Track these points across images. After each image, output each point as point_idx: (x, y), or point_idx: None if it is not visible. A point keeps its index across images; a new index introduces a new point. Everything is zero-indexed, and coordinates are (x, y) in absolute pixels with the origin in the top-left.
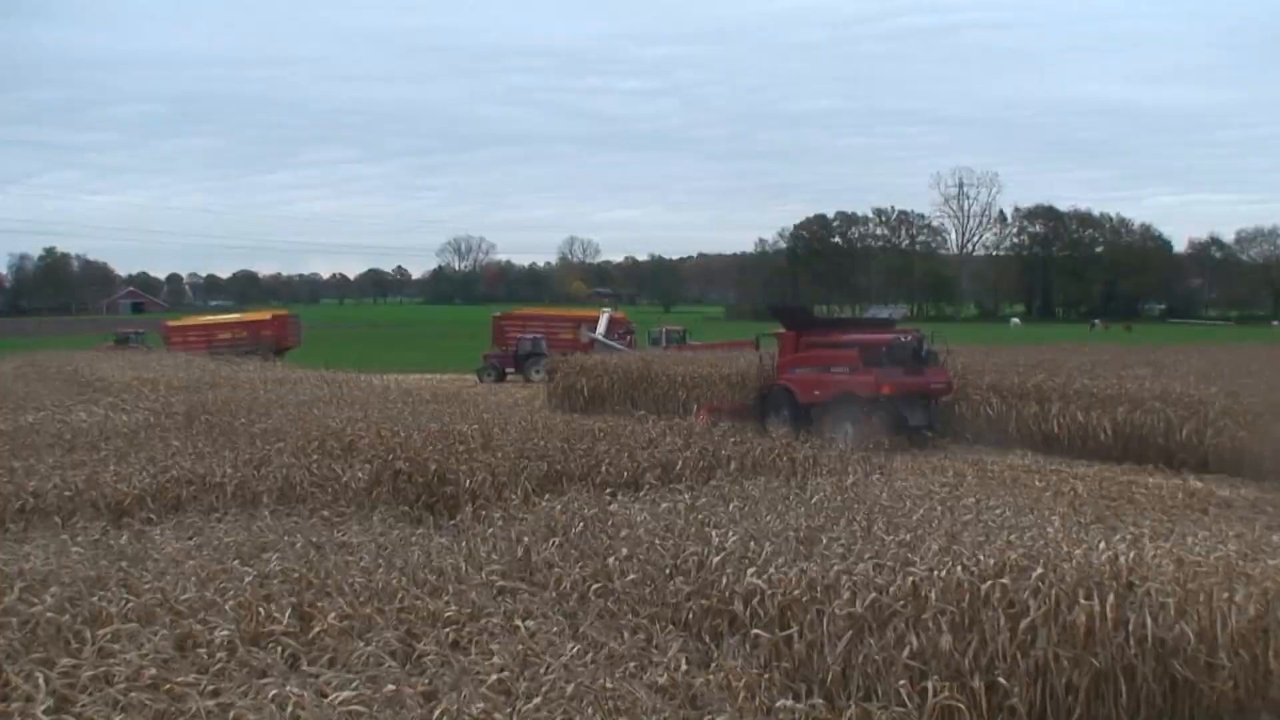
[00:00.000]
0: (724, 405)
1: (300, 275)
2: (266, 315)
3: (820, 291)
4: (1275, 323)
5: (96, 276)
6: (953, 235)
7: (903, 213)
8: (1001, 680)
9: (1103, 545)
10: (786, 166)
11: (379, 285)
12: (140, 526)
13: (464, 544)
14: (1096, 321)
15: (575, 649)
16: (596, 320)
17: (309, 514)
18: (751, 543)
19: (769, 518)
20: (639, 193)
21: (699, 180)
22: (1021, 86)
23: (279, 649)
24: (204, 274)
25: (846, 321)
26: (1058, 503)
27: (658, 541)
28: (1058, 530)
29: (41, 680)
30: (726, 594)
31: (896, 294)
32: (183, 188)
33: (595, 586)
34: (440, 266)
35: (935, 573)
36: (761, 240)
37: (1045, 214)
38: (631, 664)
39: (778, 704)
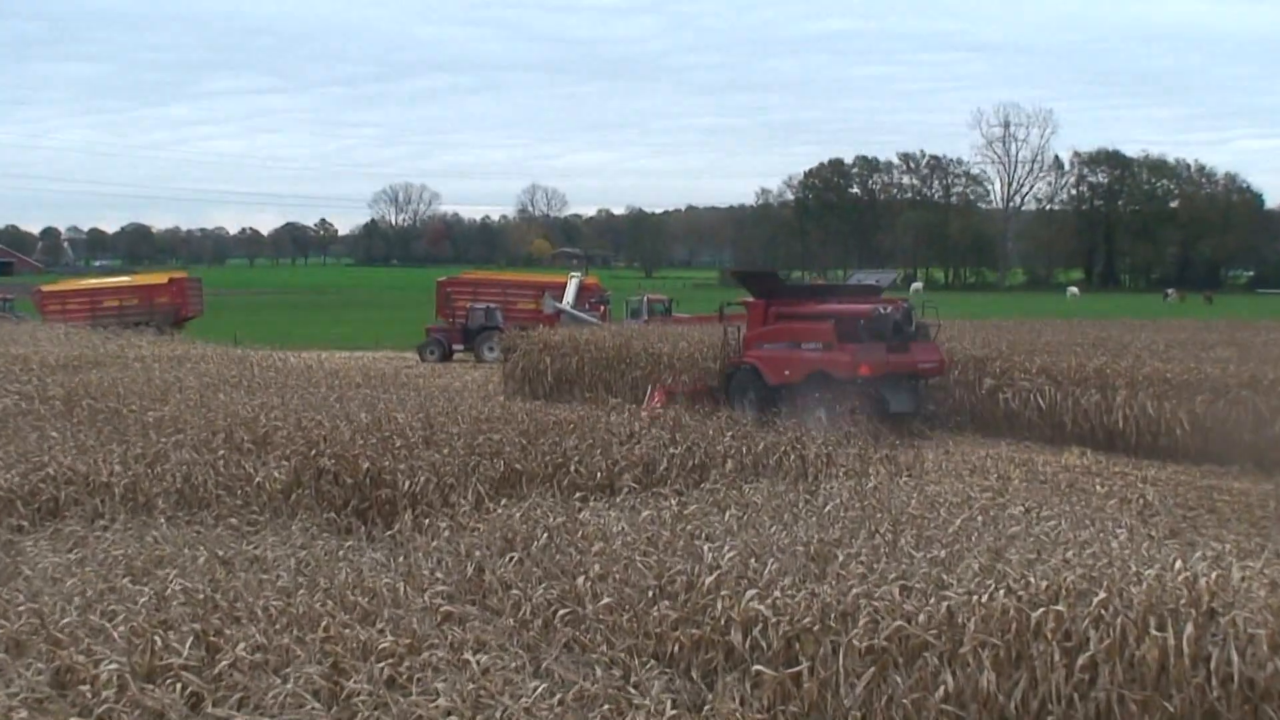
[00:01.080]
0: (682, 387)
1: (203, 230)
2: (162, 279)
3: (836, 253)
4: None
5: None
6: (996, 186)
7: (935, 158)
8: None
9: (1178, 565)
10: (793, 101)
11: (299, 243)
12: (9, 536)
13: (402, 559)
14: (1170, 292)
15: (538, 688)
16: (563, 287)
17: (214, 522)
18: (752, 560)
19: (773, 529)
20: (614, 132)
21: (687, 118)
22: (1081, 3)
23: (178, 686)
24: (86, 228)
25: (823, 289)
26: (1124, 512)
27: (638, 557)
28: (1124, 546)
29: None
30: (721, 622)
31: (928, 256)
32: (59, 123)
33: (562, 612)
34: (373, 221)
35: (975, 597)
36: (764, 191)
37: (1109, 160)
38: (606, 706)
39: None
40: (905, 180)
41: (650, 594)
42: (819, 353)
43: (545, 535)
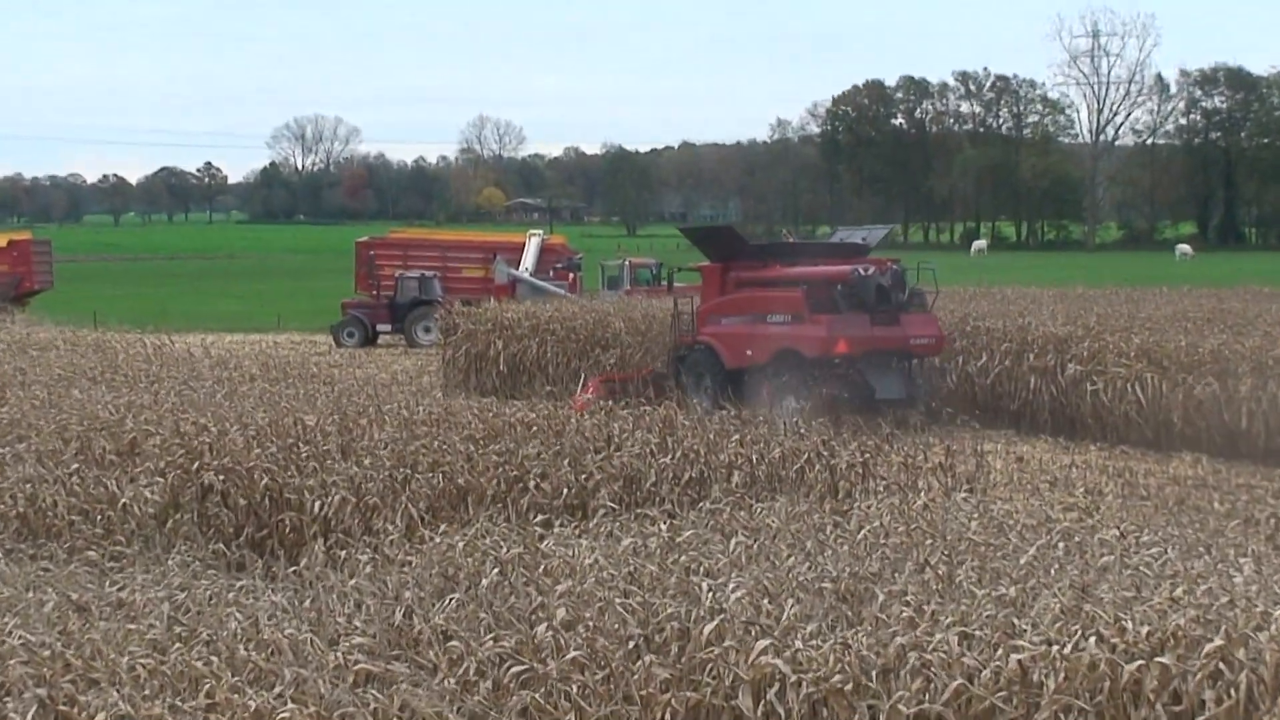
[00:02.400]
0: (623, 373)
1: (52, 179)
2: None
3: (875, 204)
4: None
5: None
6: (1082, 114)
7: (1002, 79)
8: None
9: None
10: (820, 5)
11: (177, 194)
12: None
13: (311, 603)
14: None
15: None
16: (520, 249)
17: (67, 556)
18: (766, 601)
19: (793, 560)
20: (586, 47)
21: (680, 28)
22: None
23: None
24: None
25: (795, 248)
26: (1250, 537)
27: (617, 599)
28: (1249, 581)
29: None
30: (726, 682)
31: (994, 206)
32: None
33: (517, 670)
34: (272, 165)
35: (1055, 648)
36: (781, 123)
37: (1229, 80)
38: None
39: None
40: (964, 108)
41: (633, 646)
42: (787, 327)
43: (496, 571)
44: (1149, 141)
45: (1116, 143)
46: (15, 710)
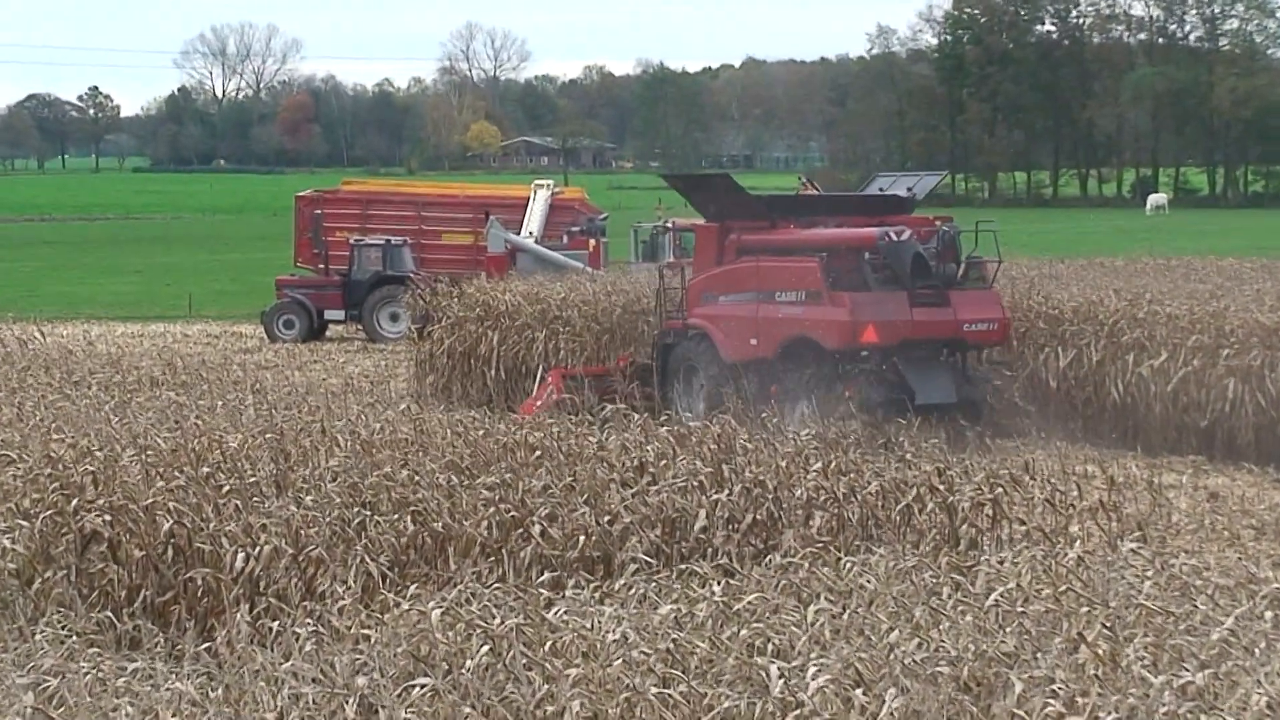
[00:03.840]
0: (593, 366)
1: None
2: None
3: (1014, 142)
4: None
5: None
6: None
7: None
8: None
9: None
10: None
11: (49, 131)
12: None
13: (230, 693)
14: None
15: None
16: (523, 207)
17: None
18: (859, 692)
19: (896, 635)
20: None
21: None
22: None
23: None
24: None
25: (816, 203)
26: None
27: (653, 690)
28: None
29: None
30: None
31: (1176, 145)
32: None
33: None
34: (182, 91)
35: None
36: (884, 32)
37: None
38: None
39: None
40: (1137, 9)
41: None
42: (801, 308)
43: (486, 649)
44: None
45: None
46: None
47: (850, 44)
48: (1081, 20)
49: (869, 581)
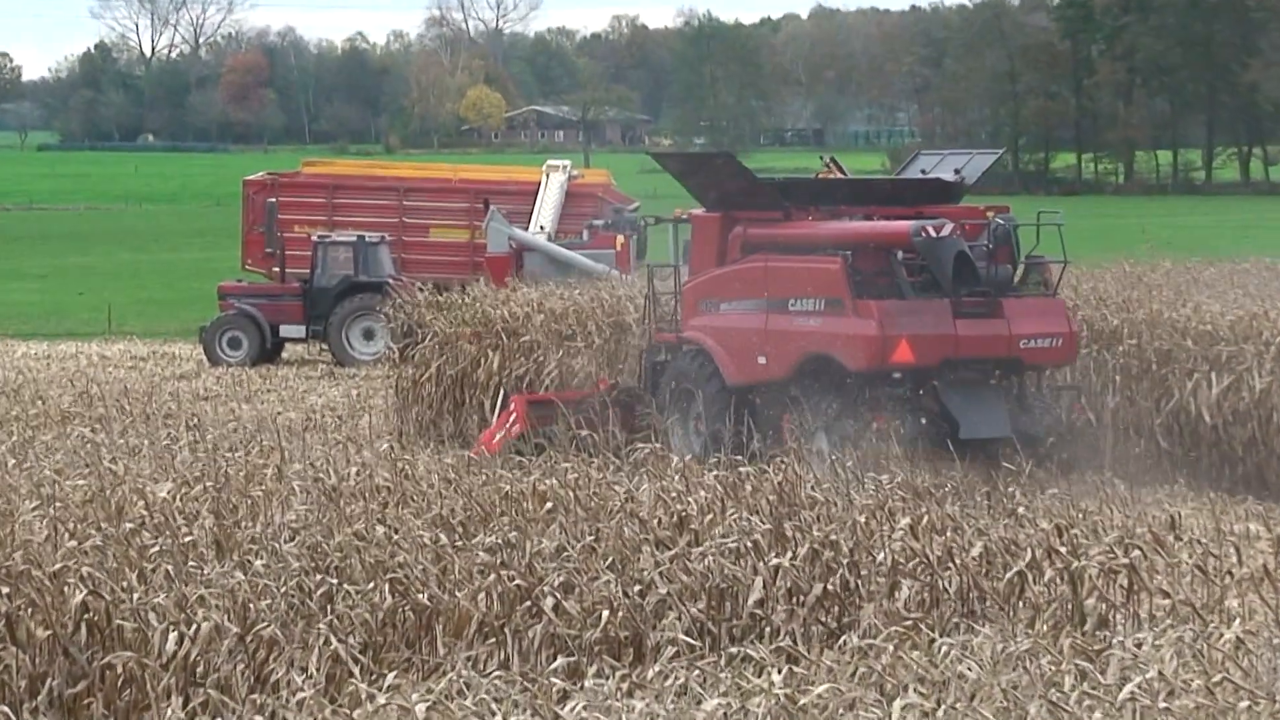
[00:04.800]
0: (565, 391)
1: None
2: None
3: (1156, 111)
4: None
5: None
6: None
7: None
8: None
9: None
10: None
11: None
12: None
13: None
14: None
15: None
16: (533, 195)
17: None
18: None
19: None
20: None
21: None
22: None
23: None
24: None
25: (839, 188)
26: None
27: None
28: None
29: None
30: None
31: None
32: None
33: None
34: (101, 48)
35: None
36: None
37: None
38: None
39: None
40: None
41: None
42: (820, 320)
43: None
44: None
45: None
46: None
47: None
48: None
49: (970, 669)
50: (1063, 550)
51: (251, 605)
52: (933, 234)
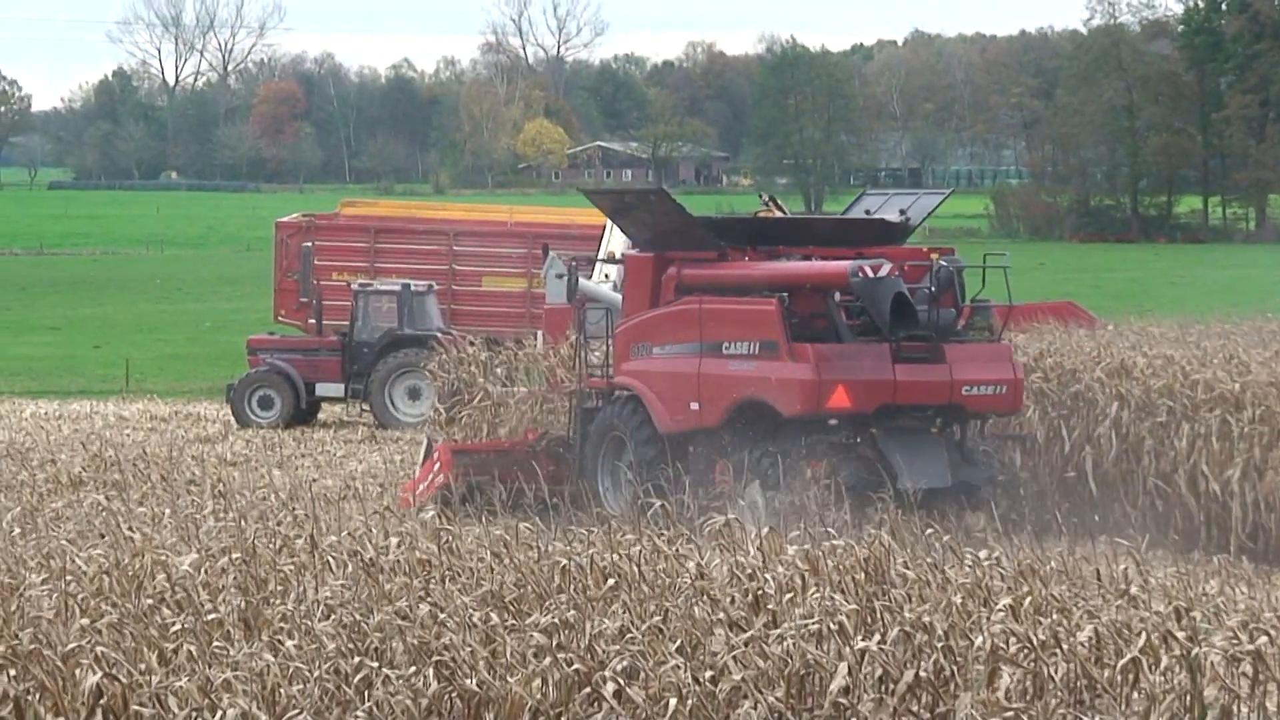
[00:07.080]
0: (490, 441)
1: None
2: None
3: None
4: None
5: None
6: None
7: None
8: None
9: None
10: None
11: None
12: None
13: None
14: None
15: None
16: (598, 239)
17: None
18: None
19: None
20: None
21: None
22: None
23: None
24: None
25: (779, 228)
26: None
27: None
28: None
29: None
30: None
31: None
32: None
33: None
34: (120, 75)
35: None
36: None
37: None
38: None
39: None
40: None
41: None
42: (754, 364)
43: None
44: None
45: None
46: None
47: (1061, 12)
48: None
49: None
50: (1180, 635)
51: (282, 690)
52: (870, 274)
